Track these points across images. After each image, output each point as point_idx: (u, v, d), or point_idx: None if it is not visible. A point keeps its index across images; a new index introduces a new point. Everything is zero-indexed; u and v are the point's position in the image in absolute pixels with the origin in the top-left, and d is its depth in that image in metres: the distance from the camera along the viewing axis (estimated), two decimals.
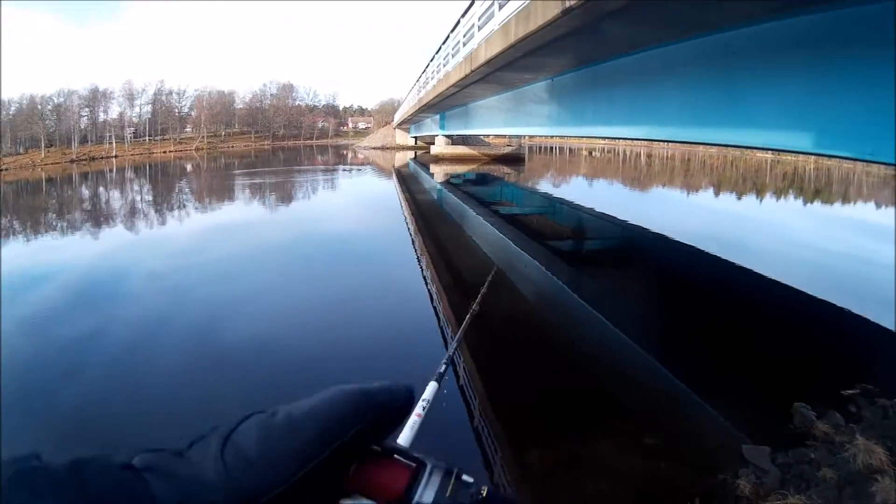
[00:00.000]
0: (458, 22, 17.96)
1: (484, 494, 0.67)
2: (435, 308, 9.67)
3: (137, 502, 0.51)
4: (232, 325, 9.15)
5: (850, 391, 6.42)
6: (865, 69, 6.30)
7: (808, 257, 14.80)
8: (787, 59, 7.20)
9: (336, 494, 0.64)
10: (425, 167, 41.49)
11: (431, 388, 1.36)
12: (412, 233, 16.85)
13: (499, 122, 23.07)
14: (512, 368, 7.37)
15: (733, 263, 12.97)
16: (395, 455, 0.70)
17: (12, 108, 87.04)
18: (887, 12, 5.55)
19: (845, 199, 33.42)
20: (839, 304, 10.04)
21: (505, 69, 13.90)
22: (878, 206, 31.17)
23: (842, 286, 11.53)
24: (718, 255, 13.68)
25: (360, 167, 48.91)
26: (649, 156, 49.25)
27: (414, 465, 0.69)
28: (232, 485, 0.56)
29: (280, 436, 0.60)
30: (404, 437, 0.97)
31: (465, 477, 0.68)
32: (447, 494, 0.67)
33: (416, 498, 0.66)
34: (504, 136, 41.79)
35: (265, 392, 6.48)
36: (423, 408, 1.21)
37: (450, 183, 32.43)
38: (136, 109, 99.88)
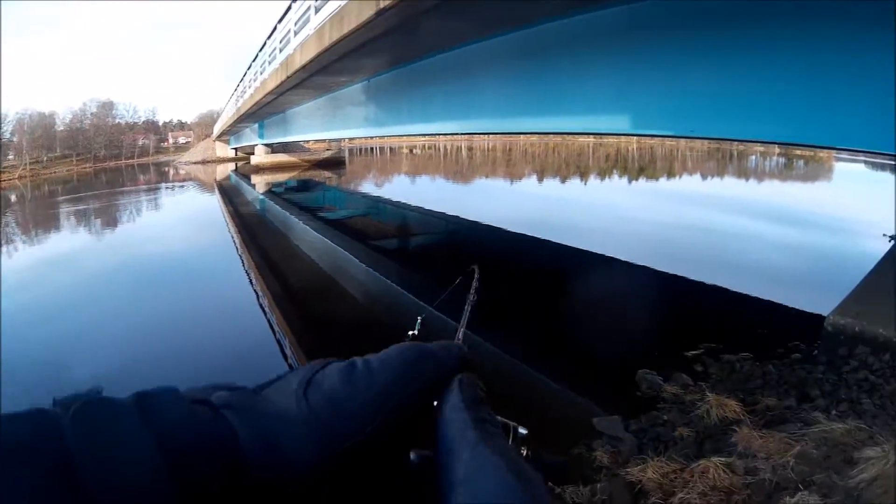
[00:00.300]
0: (275, 28, 17.88)
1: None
2: (269, 320, 9.60)
3: (216, 436, 0.51)
4: (61, 364, 8.74)
5: (693, 352, 6.76)
6: (678, 55, 6.85)
7: (635, 230, 15.77)
8: (603, 49, 7.70)
9: (406, 445, 0.63)
10: (246, 178, 40.65)
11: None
12: (238, 247, 16.47)
13: (317, 126, 23.03)
14: None
15: (560, 244, 13.55)
16: None
17: None
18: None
19: (670, 174, 35.44)
20: (673, 272, 10.72)
21: (321, 73, 13.96)
22: (704, 177, 33.36)
23: (671, 255, 12.32)
24: (544, 237, 14.19)
25: (181, 184, 47.21)
26: (470, 149, 50.34)
27: None
28: (318, 424, 0.56)
29: (363, 383, 0.60)
30: None
31: (520, 430, 0.72)
32: None
33: None
34: (324, 141, 41.59)
35: None
36: None
37: (272, 192, 31.96)
38: None
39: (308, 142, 42.07)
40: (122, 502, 0.42)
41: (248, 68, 27.56)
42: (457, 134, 11.98)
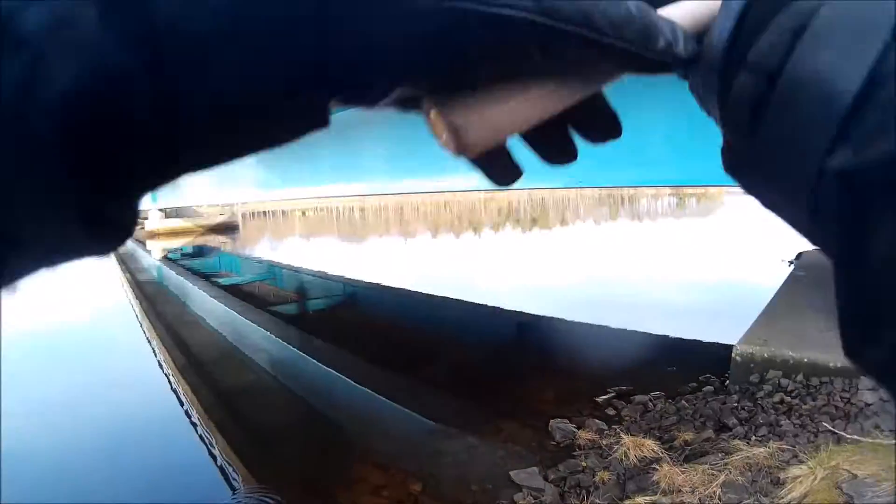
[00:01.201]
0: None
1: None
2: (175, 390, 9.31)
3: None
4: None
5: (604, 396, 6.81)
6: None
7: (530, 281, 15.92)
8: None
9: None
10: (142, 244, 39.63)
11: None
12: (139, 316, 15.98)
13: (208, 189, 22.73)
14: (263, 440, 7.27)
15: (460, 300, 13.53)
16: None
17: None
18: None
19: (563, 223, 36.16)
20: (578, 319, 10.78)
21: None
22: (597, 222, 34.15)
23: (575, 301, 12.56)
24: (439, 294, 14.24)
25: None
26: (362, 209, 50.30)
27: None
28: None
29: None
30: None
31: None
32: None
33: None
34: (217, 206, 40.97)
35: None
36: None
37: (168, 259, 31.17)
38: None
39: (201, 206, 41.39)
40: None
41: None
42: (347, 196, 12.02)
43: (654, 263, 17.15)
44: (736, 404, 6.01)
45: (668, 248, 21.05)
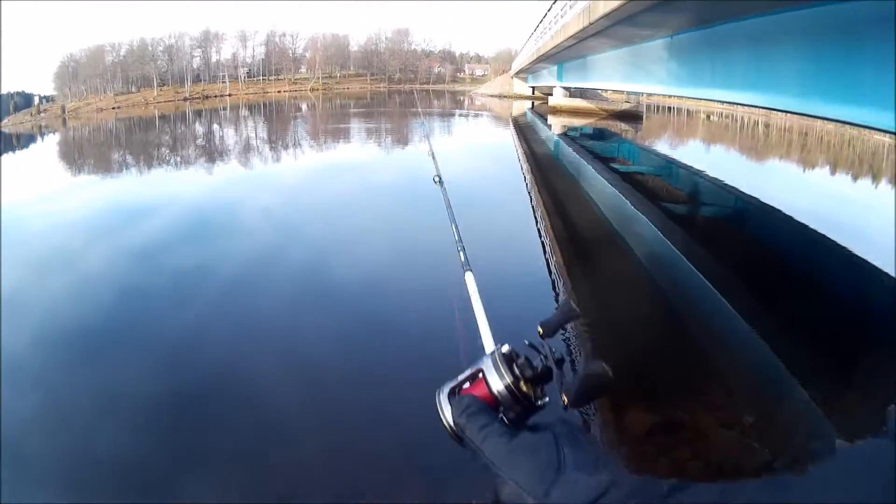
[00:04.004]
0: None
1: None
2: (547, 261, 9.55)
3: None
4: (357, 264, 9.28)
5: None
6: None
7: None
8: None
9: None
10: (542, 118, 40.94)
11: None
12: (528, 185, 16.76)
13: (616, 76, 22.55)
14: (621, 327, 7.15)
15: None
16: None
17: (122, 50, 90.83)
18: None
19: None
20: None
21: (623, 23, 13.57)
22: None
23: None
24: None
25: (476, 113, 49.29)
26: (767, 125, 46.84)
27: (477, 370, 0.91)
28: None
29: None
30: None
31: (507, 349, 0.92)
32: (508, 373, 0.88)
33: (494, 390, 0.87)
34: (622, 92, 40.72)
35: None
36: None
37: (567, 136, 31.88)
38: (249, 50, 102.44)
39: (606, 91, 41.51)
40: None
41: (548, 10, 27.57)
42: (755, 107, 11.05)
43: None
44: None
45: None
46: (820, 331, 7.35)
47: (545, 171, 19.88)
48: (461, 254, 1.42)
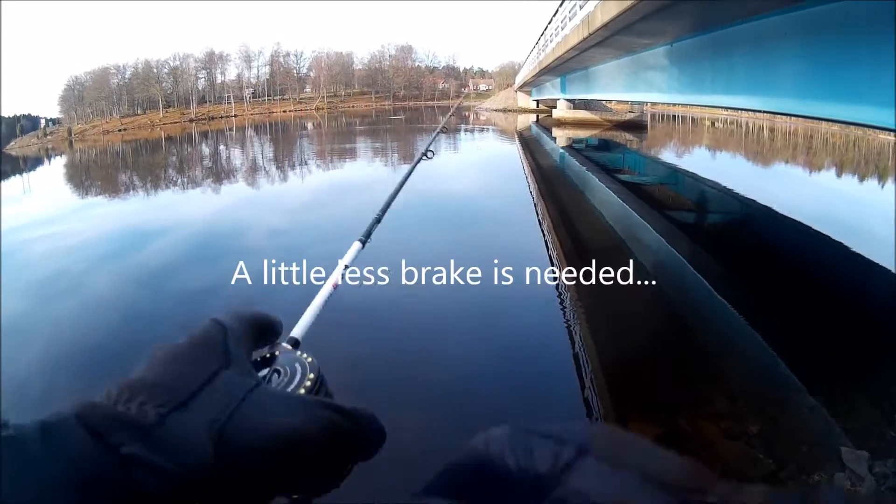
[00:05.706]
0: None
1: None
2: (553, 272, 9.51)
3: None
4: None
5: None
6: None
7: None
8: None
9: None
10: (547, 130, 41.16)
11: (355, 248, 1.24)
12: (534, 196, 16.84)
13: (619, 87, 22.62)
14: (626, 336, 7.24)
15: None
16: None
17: (127, 73, 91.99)
18: None
19: None
20: None
21: (623, 33, 13.66)
22: None
23: None
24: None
25: (481, 128, 49.57)
26: (772, 129, 46.82)
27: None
28: None
29: None
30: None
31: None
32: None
33: None
34: (626, 102, 40.86)
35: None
36: (343, 275, 1.11)
37: (572, 147, 32.04)
38: (254, 71, 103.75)
39: (610, 101, 41.69)
40: None
41: (549, 22, 27.83)
42: (756, 111, 11.07)
43: None
44: None
45: None
46: (830, 336, 7.31)
47: (550, 183, 20.01)
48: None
